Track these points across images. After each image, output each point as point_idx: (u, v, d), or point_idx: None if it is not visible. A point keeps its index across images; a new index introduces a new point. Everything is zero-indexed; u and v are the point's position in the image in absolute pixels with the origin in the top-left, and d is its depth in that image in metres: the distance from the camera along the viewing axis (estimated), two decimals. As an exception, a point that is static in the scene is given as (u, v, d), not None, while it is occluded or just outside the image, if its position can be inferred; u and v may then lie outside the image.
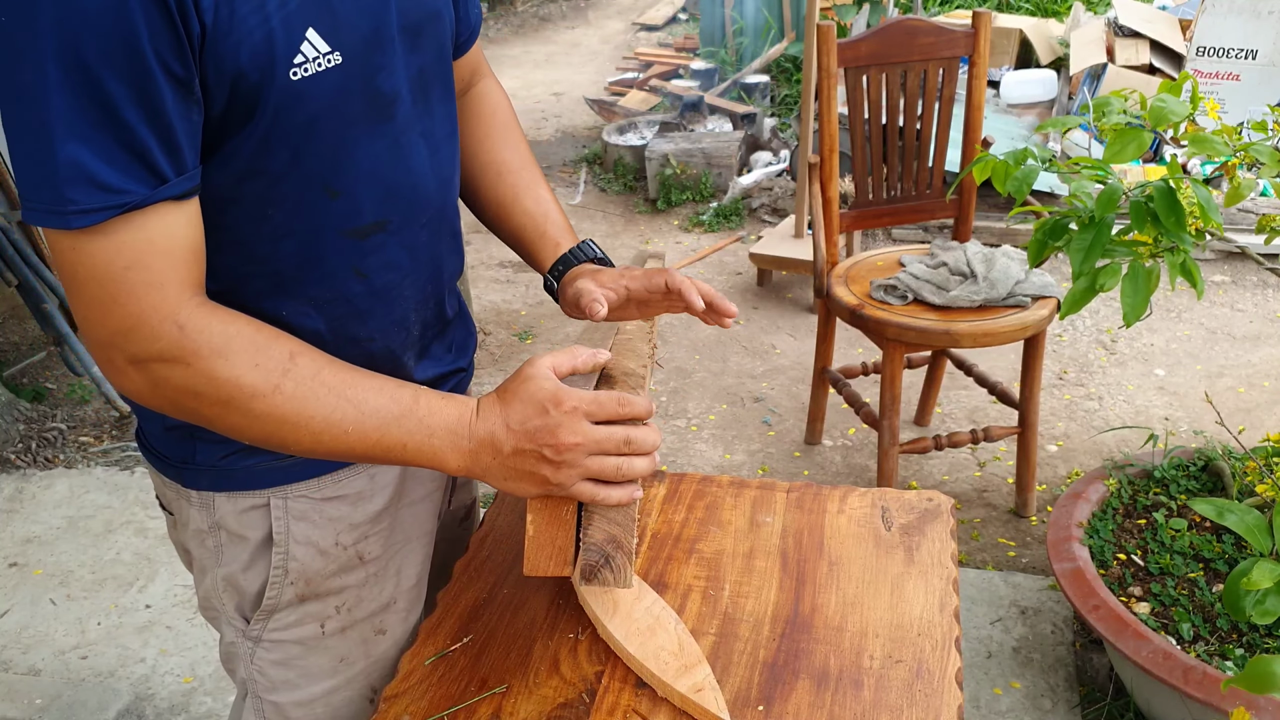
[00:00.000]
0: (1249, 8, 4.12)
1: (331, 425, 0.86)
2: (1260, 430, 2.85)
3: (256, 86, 0.80)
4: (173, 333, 0.80)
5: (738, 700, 0.96)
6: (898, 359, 2.33)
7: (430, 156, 0.99)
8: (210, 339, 0.82)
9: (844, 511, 1.23)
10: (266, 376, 0.83)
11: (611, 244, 4.38)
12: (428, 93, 0.97)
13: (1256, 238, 3.32)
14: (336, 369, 0.88)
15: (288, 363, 0.85)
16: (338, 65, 0.84)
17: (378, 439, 0.87)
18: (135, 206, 0.77)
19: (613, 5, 9.28)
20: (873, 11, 5.66)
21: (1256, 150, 1.28)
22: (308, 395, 0.85)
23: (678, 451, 2.95)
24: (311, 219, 0.90)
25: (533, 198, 1.17)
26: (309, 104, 0.83)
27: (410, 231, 0.98)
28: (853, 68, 2.48)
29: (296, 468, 1.00)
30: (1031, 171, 1.37)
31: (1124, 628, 1.73)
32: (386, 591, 1.10)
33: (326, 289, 0.94)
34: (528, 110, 6.33)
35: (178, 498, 1.04)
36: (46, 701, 2.09)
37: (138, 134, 0.75)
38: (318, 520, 1.02)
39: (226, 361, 0.82)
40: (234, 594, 1.04)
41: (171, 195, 0.78)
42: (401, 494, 1.09)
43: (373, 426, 0.87)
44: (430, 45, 0.96)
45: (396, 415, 0.88)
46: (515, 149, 1.20)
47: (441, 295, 1.08)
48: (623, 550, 0.95)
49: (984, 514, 2.62)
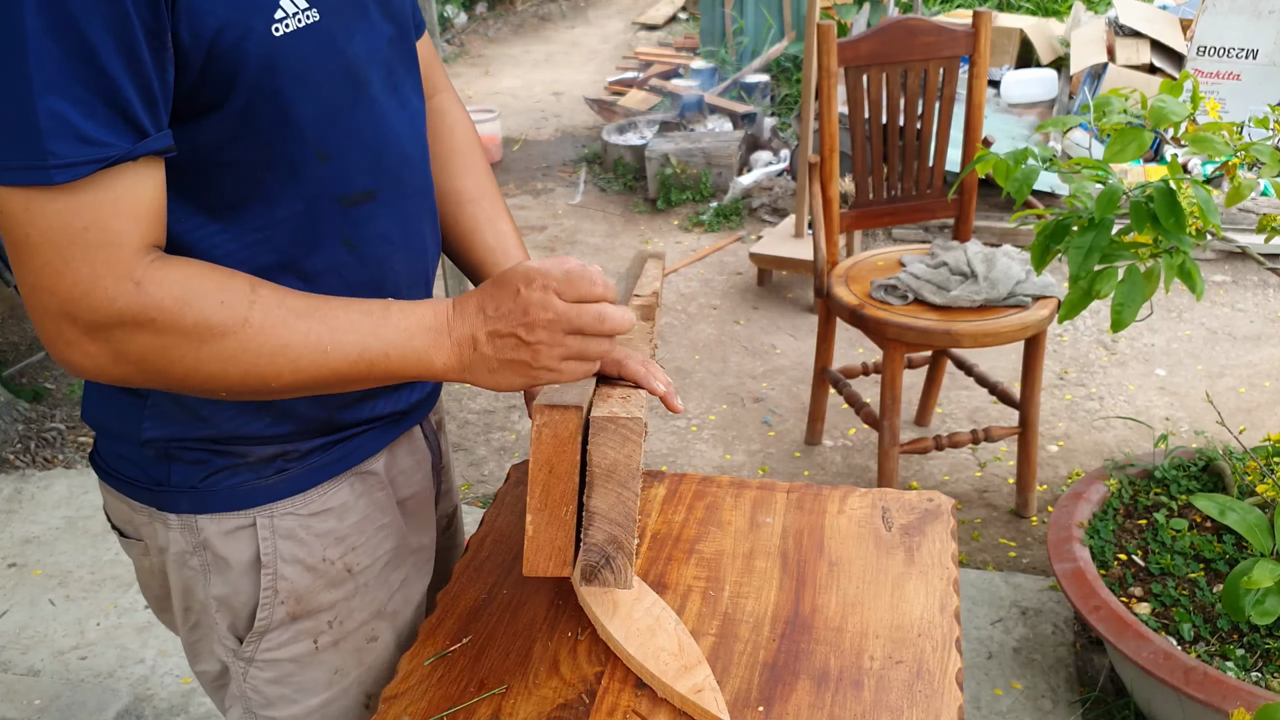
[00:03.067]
0: (1249, 7, 4.12)
1: (310, 349, 0.83)
2: (1261, 430, 2.84)
3: (238, 42, 0.78)
4: (129, 290, 0.77)
5: (738, 701, 0.95)
6: (898, 359, 2.33)
7: (410, 125, 0.97)
8: (170, 289, 0.78)
9: (844, 512, 1.22)
10: (233, 311, 0.80)
11: (611, 244, 4.38)
12: (397, 64, 0.96)
13: (1257, 237, 3.31)
14: (300, 295, 0.85)
15: (251, 294, 0.82)
16: (315, 23, 0.82)
17: (359, 354, 0.84)
18: (115, 161, 0.74)
19: (613, 5, 9.27)
20: (873, 11, 5.66)
21: (1257, 150, 1.28)
22: (277, 322, 0.82)
23: (678, 451, 2.94)
24: (304, 184, 0.88)
25: (493, 232, 1.14)
26: (293, 62, 0.81)
27: (400, 202, 0.96)
28: (853, 67, 2.47)
29: (282, 485, 0.99)
30: (1032, 171, 1.37)
31: (1124, 628, 1.73)
32: (378, 600, 1.09)
33: (320, 260, 0.91)
34: (528, 110, 6.33)
35: (150, 522, 1.00)
36: (46, 702, 2.08)
37: (119, 86, 0.73)
38: (305, 537, 1.01)
39: (190, 307, 0.79)
40: (227, 614, 1.02)
41: (151, 150, 0.76)
42: (386, 500, 1.08)
43: (350, 342, 0.84)
44: (398, 16, 0.95)
45: (372, 326, 0.85)
46: (475, 175, 1.16)
47: (429, 275, 1.06)
48: (623, 551, 0.95)
49: (984, 514, 2.62)
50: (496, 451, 3.01)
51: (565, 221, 4.66)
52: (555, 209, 4.81)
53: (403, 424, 1.09)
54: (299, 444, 0.99)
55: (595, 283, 0.87)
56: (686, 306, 3.77)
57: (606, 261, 4.21)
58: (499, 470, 2.92)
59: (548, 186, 5.10)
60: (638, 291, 1.26)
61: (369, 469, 1.06)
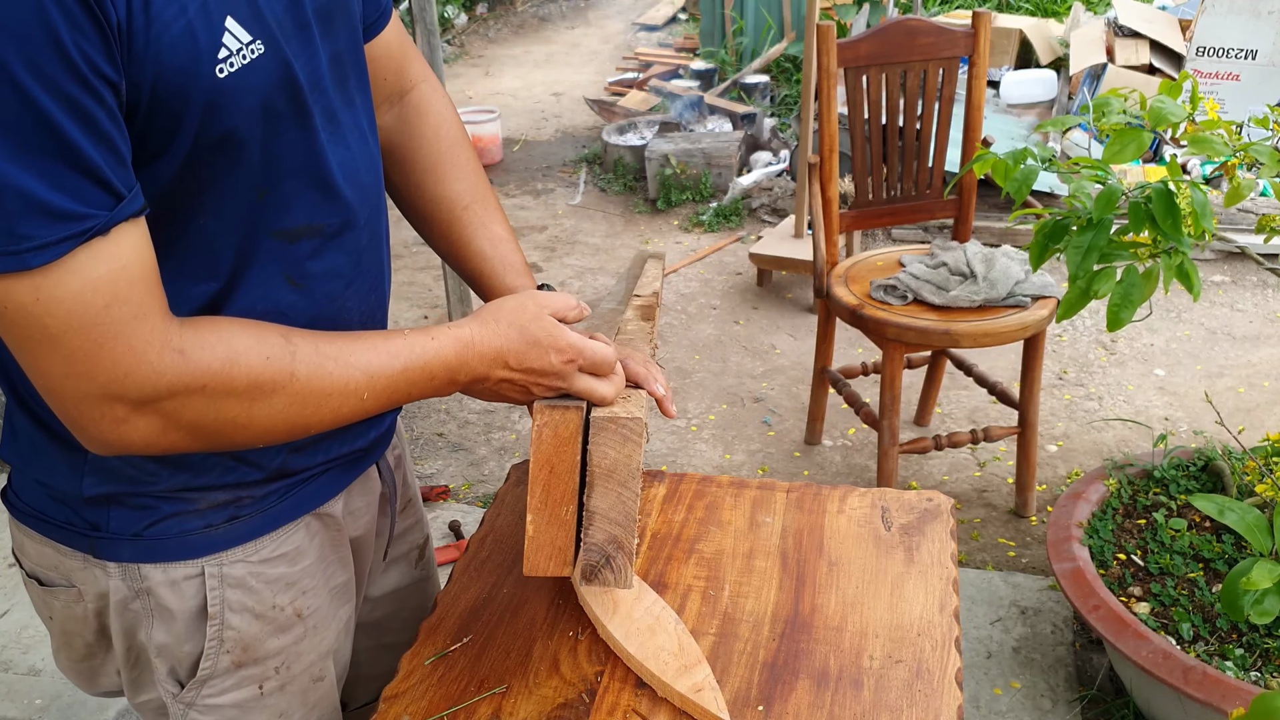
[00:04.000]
0: (1249, 8, 4.12)
1: (349, 395, 0.84)
2: (1260, 430, 2.85)
3: (179, 89, 0.72)
4: (176, 361, 0.74)
5: (737, 700, 0.96)
6: (898, 359, 2.33)
7: (362, 149, 0.93)
8: (214, 351, 0.76)
9: (844, 512, 1.23)
10: (280, 365, 0.80)
11: (611, 244, 4.38)
12: (346, 81, 0.91)
13: (1256, 238, 3.32)
14: (328, 339, 0.85)
15: (289, 345, 0.81)
16: (262, 55, 0.77)
17: (389, 397, 0.87)
18: (100, 231, 0.68)
19: (613, 5, 9.28)
20: (873, 11, 5.66)
21: (1256, 150, 1.28)
22: (318, 373, 0.82)
23: (678, 451, 2.95)
24: (246, 223, 0.83)
25: (488, 238, 1.10)
26: (238, 100, 0.76)
27: (353, 233, 0.92)
28: (853, 68, 2.48)
29: (233, 532, 0.94)
30: (1031, 172, 1.37)
31: (1124, 628, 1.73)
32: (326, 641, 1.05)
33: (259, 296, 0.87)
34: (528, 110, 6.33)
35: (85, 568, 0.93)
36: (46, 701, 2.09)
37: (83, 149, 0.66)
38: (255, 585, 0.96)
39: (239, 366, 0.77)
40: (166, 660, 0.97)
41: (133, 212, 0.71)
42: (339, 539, 1.05)
43: (383, 388, 0.86)
44: (342, 29, 0.89)
45: (401, 369, 0.87)
46: (466, 177, 1.11)
47: (384, 306, 1.03)
48: (623, 550, 0.95)
49: (984, 514, 2.62)
50: (497, 451, 3.01)
51: (565, 222, 4.66)
52: (555, 209, 4.81)
53: (362, 463, 1.06)
54: (253, 490, 0.95)
55: (611, 366, 0.96)
56: (686, 306, 3.77)
57: (606, 261, 4.22)
58: (499, 470, 2.92)
59: (548, 187, 5.10)
60: (638, 291, 1.27)
61: (327, 511, 1.02)
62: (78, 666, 1.05)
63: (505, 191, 5.05)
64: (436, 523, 2.67)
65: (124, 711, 2.09)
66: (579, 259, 4.26)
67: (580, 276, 4.10)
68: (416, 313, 3.83)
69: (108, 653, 1.02)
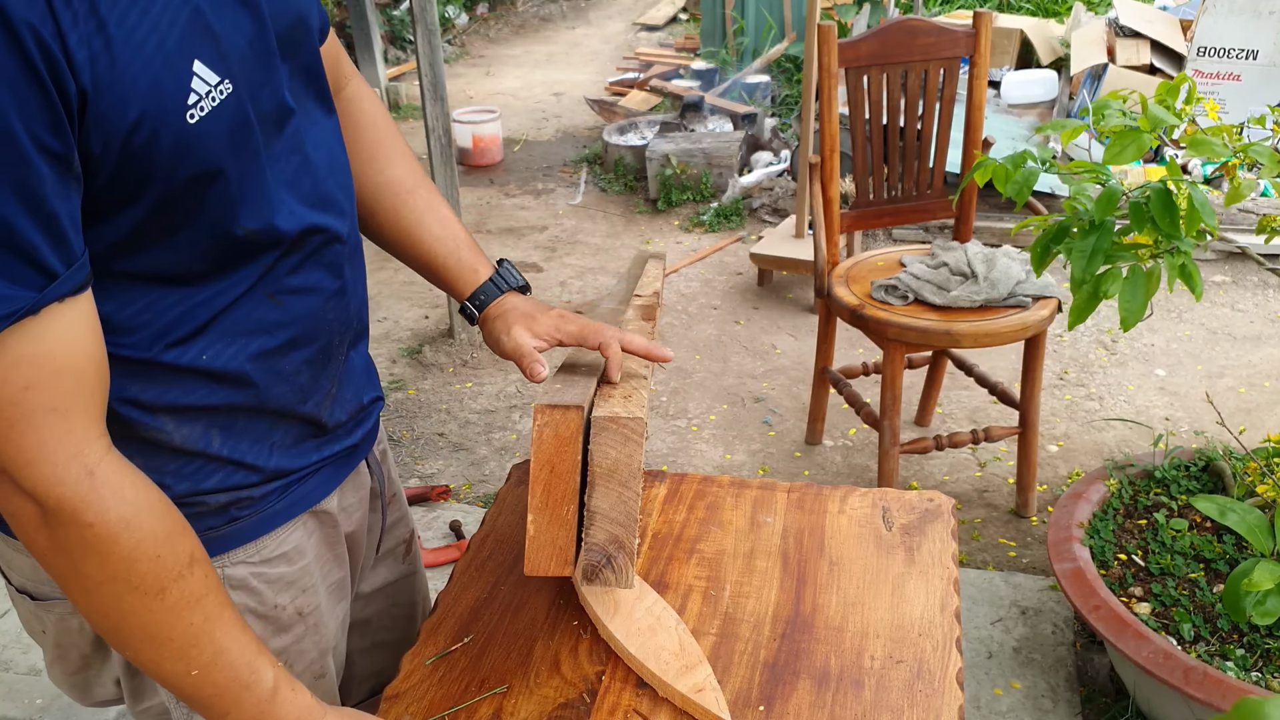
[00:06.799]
0: (1249, 8, 4.12)
1: (183, 655, 0.78)
2: (1261, 430, 2.85)
3: (149, 141, 0.72)
4: (80, 478, 0.71)
5: (738, 700, 0.96)
6: (898, 359, 2.33)
7: (330, 164, 0.93)
8: (121, 501, 0.73)
9: (845, 512, 1.23)
10: (161, 573, 0.75)
11: (612, 244, 4.38)
12: (311, 100, 0.92)
13: (1257, 238, 3.31)
14: (219, 602, 0.80)
15: (185, 568, 0.77)
16: (231, 94, 0.77)
17: (210, 694, 0.80)
18: (27, 313, 0.67)
19: (613, 5, 9.28)
20: (873, 11, 5.66)
21: (1256, 151, 1.28)
22: (182, 614, 0.77)
23: (678, 451, 2.95)
24: (222, 252, 0.83)
25: (436, 219, 1.10)
26: (209, 142, 0.76)
27: (331, 248, 0.92)
28: (853, 68, 2.48)
29: (233, 534, 0.94)
30: (1032, 174, 1.37)
31: (1125, 628, 1.73)
32: (326, 639, 1.06)
33: (245, 320, 0.86)
34: (529, 110, 6.33)
35: None
36: (47, 701, 2.09)
37: (17, 229, 0.66)
38: (256, 586, 0.97)
39: (130, 534, 0.73)
40: None
41: (64, 293, 0.69)
42: (335, 536, 1.06)
43: (211, 681, 0.80)
44: (305, 49, 0.90)
45: (246, 683, 0.81)
46: (404, 163, 1.12)
47: (364, 320, 1.03)
48: (624, 550, 0.95)
49: (984, 514, 2.62)
50: (497, 451, 3.01)
51: (566, 222, 4.66)
52: (556, 209, 4.82)
53: (354, 459, 1.07)
54: (252, 491, 0.95)
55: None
56: (687, 307, 3.77)
57: (607, 261, 4.22)
58: (500, 470, 2.92)
59: (548, 187, 5.10)
60: (638, 291, 1.27)
61: (323, 508, 1.03)
62: (73, 679, 1.05)
63: (506, 191, 5.05)
64: (437, 523, 2.67)
65: (124, 712, 2.09)
66: (579, 259, 4.27)
67: (581, 276, 4.10)
68: (417, 313, 3.83)
69: (104, 663, 1.01)
